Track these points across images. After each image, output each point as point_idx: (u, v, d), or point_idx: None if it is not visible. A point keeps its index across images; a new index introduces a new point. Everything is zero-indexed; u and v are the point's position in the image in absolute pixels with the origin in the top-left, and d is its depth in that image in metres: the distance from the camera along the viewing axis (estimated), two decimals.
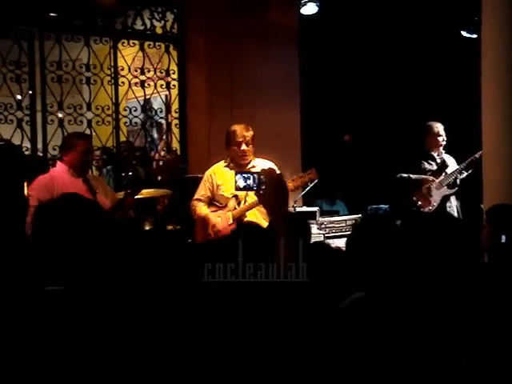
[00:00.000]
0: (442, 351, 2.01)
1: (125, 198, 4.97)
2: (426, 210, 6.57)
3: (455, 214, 6.54)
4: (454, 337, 2.06)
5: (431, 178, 6.69)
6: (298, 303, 2.26)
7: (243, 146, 5.32)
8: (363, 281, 2.30)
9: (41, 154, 6.86)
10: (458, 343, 2.05)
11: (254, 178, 2.54)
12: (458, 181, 6.72)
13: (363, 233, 2.46)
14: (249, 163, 5.37)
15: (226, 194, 5.36)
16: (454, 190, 6.72)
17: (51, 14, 6.87)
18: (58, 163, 5.31)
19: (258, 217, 5.23)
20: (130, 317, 2.08)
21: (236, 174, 2.59)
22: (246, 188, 2.58)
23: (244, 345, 2.07)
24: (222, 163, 5.50)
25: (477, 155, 6.35)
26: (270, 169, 2.59)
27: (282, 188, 2.53)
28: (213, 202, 5.49)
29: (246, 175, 2.57)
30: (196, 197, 5.55)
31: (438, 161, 6.80)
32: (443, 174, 6.70)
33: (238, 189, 2.60)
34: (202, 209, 5.48)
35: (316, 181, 5.30)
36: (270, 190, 2.47)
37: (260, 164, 5.22)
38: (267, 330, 2.10)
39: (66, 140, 5.54)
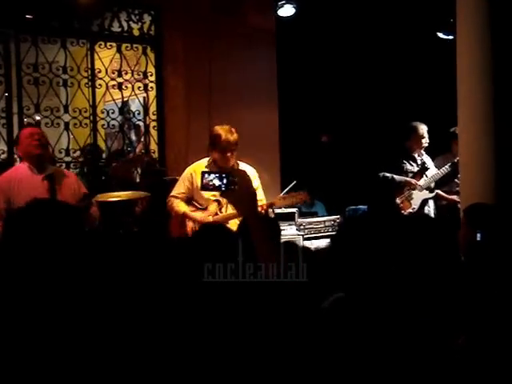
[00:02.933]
0: (421, 346, 2.05)
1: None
2: (407, 212, 6.69)
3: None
4: (433, 332, 2.10)
5: (414, 180, 6.81)
6: (298, 303, 2.28)
7: (227, 153, 5.28)
8: (344, 281, 2.31)
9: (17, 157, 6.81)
10: (437, 339, 2.09)
11: (221, 178, 2.45)
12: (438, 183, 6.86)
13: (347, 233, 2.47)
14: (231, 167, 5.31)
15: (206, 195, 5.32)
16: (433, 194, 6.86)
17: (27, 16, 6.86)
18: (22, 161, 5.22)
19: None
20: (125, 318, 2.09)
21: (203, 174, 2.49)
22: (212, 188, 2.48)
23: (243, 344, 2.08)
24: (204, 162, 5.45)
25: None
26: (241, 170, 2.58)
27: (253, 189, 2.53)
28: (192, 201, 5.45)
29: (213, 175, 2.47)
30: (173, 194, 5.51)
31: (419, 162, 6.93)
32: (424, 176, 6.83)
33: (203, 188, 2.50)
34: (180, 205, 5.43)
35: (305, 201, 5.41)
36: (243, 191, 2.43)
37: (241, 168, 5.20)
38: (266, 330, 2.11)
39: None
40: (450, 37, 7.01)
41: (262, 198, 5.31)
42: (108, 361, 1.97)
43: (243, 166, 5.39)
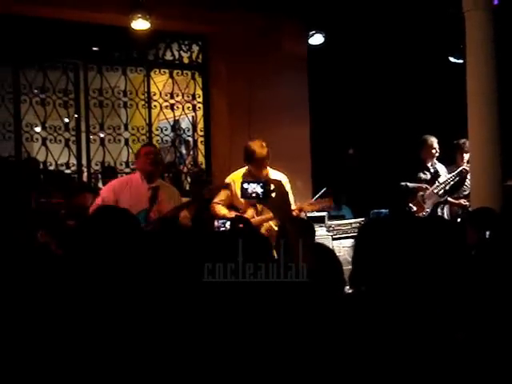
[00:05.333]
0: (436, 334, 2.09)
1: (183, 207, 5.35)
2: (420, 215, 7.02)
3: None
4: (447, 319, 2.16)
5: (425, 186, 7.16)
6: (298, 303, 2.22)
7: (262, 166, 5.56)
8: (366, 275, 2.28)
9: (85, 169, 7.48)
10: (452, 325, 2.14)
11: (260, 186, 2.44)
12: (447, 188, 7.16)
13: (369, 233, 2.41)
14: (265, 175, 5.55)
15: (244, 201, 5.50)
16: (444, 198, 7.16)
17: (93, 49, 7.54)
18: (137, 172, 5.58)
19: (273, 228, 5.54)
20: (130, 316, 2.09)
21: (243, 183, 2.48)
22: (253, 196, 2.46)
23: (244, 344, 2.04)
24: (241, 171, 5.74)
25: (463, 168, 6.94)
26: (277, 180, 2.61)
27: (287, 196, 2.61)
28: (233, 205, 5.76)
29: (253, 185, 2.46)
30: (215, 200, 5.80)
31: (432, 170, 7.32)
32: (436, 182, 7.17)
33: (243, 196, 2.49)
34: (221, 209, 5.75)
35: (330, 207, 5.67)
36: (280, 198, 2.48)
37: (273, 175, 5.55)
38: (267, 330, 2.07)
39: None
40: (461, 60, 7.38)
41: (291, 202, 5.32)
42: (110, 358, 1.97)
43: (274, 173, 5.63)
